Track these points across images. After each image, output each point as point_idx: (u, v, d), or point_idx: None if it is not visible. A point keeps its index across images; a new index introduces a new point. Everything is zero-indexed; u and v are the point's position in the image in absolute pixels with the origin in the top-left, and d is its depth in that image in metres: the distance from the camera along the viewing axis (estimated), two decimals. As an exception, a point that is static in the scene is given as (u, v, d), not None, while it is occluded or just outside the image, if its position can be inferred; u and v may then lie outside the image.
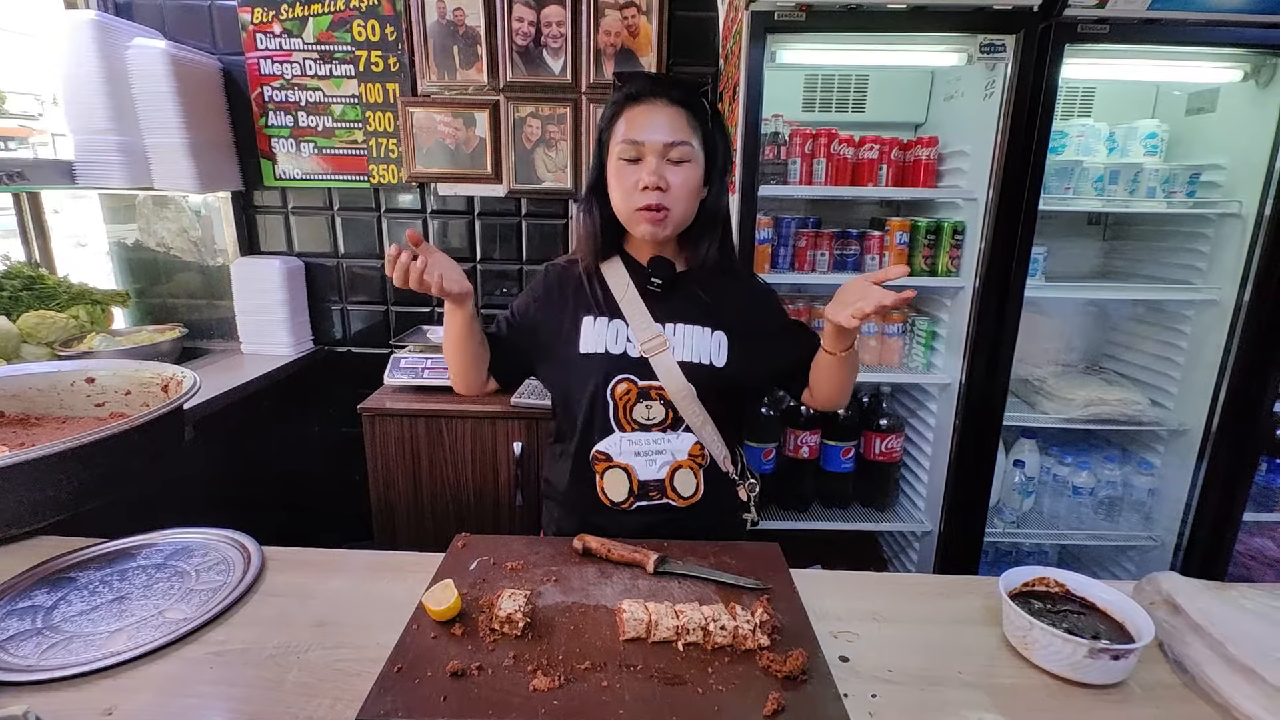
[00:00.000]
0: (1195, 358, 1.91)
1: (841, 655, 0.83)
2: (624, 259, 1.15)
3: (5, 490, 1.01)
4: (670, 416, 1.11)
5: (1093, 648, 0.78)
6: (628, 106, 1.05)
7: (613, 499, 1.12)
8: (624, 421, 1.10)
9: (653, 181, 1.01)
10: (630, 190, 1.04)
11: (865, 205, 2.21)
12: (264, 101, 2.24)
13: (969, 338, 1.79)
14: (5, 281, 1.98)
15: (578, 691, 0.71)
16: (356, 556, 1.06)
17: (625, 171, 1.04)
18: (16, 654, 0.79)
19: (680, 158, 1.03)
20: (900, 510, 2.12)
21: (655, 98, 1.04)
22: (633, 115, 1.04)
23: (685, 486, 1.12)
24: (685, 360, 1.09)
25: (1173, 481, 1.98)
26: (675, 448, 1.11)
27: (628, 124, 1.04)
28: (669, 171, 1.03)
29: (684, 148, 1.03)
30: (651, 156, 1.02)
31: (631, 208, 1.05)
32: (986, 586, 1.00)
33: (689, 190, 1.05)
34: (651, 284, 1.11)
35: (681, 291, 1.12)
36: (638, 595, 0.89)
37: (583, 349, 1.11)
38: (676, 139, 1.02)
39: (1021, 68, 1.57)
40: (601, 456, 1.11)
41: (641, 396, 1.10)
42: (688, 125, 1.04)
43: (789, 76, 2.07)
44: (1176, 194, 1.84)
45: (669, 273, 1.11)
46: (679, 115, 1.04)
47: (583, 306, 1.14)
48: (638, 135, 1.03)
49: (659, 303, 1.12)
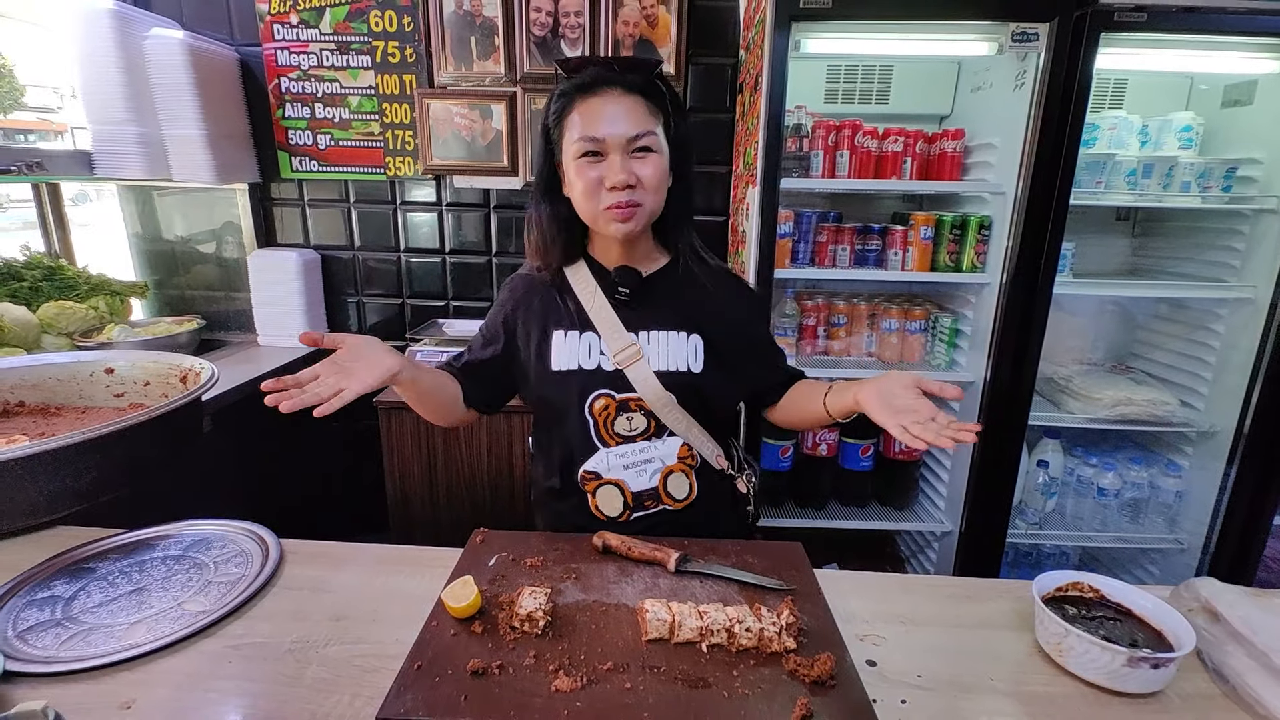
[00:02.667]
0: (1227, 357, 1.86)
1: (869, 659, 0.81)
2: (589, 263, 1.09)
3: (25, 480, 1.01)
4: (653, 425, 1.05)
5: (1132, 656, 0.75)
6: (579, 99, 0.96)
7: (608, 514, 1.07)
8: (606, 437, 1.05)
9: (621, 180, 0.94)
10: (593, 189, 0.96)
11: (888, 200, 2.18)
12: (281, 93, 2.23)
13: (994, 335, 1.75)
14: (26, 272, 1.99)
15: (600, 693, 0.70)
16: (374, 550, 1.05)
17: (586, 169, 0.96)
18: (36, 645, 0.79)
19: (646, 148, 0.95)
20: (920, 510, 2.09)
21: (610, 86, 0.95)
22: (587, 108, 0.95)
23: (679, 490, 1.08)
24: (662, 369, 1.04)
25: (1201, 484, 1.93)
26: (663, 453, 1.06)
27: (583, 119, 0.95)
28: (635, 165, 0.95)
29: (649, 137, 0.95)
30: (614, 153, 0.94)
31: (598, 207, 0.97)
32: (1016, 590, 0.97)
33: (658, 182, 0.98)
34: (619, 294, 1.05)
35: (653, 296, 1.07)
36: (659, 594, 0.87)
37: (555, 366, 1.06)
38: (640, 130, 0.94)
39: (1055, 57, 1.53)
40: (590, 476, 1.06)
41: (621, 409, 1.04)
42: (648, 113, 0.96)
43: (812, 67, 2.03)
44: (1212, 189, 1.79)
45: (635, 280, 1.05)
46: (638, 103, 0.95)
47: (551, 319, 1.08)
48: (597, 132, 0.94)
49: (630, 310, 1.06)
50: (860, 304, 2.02)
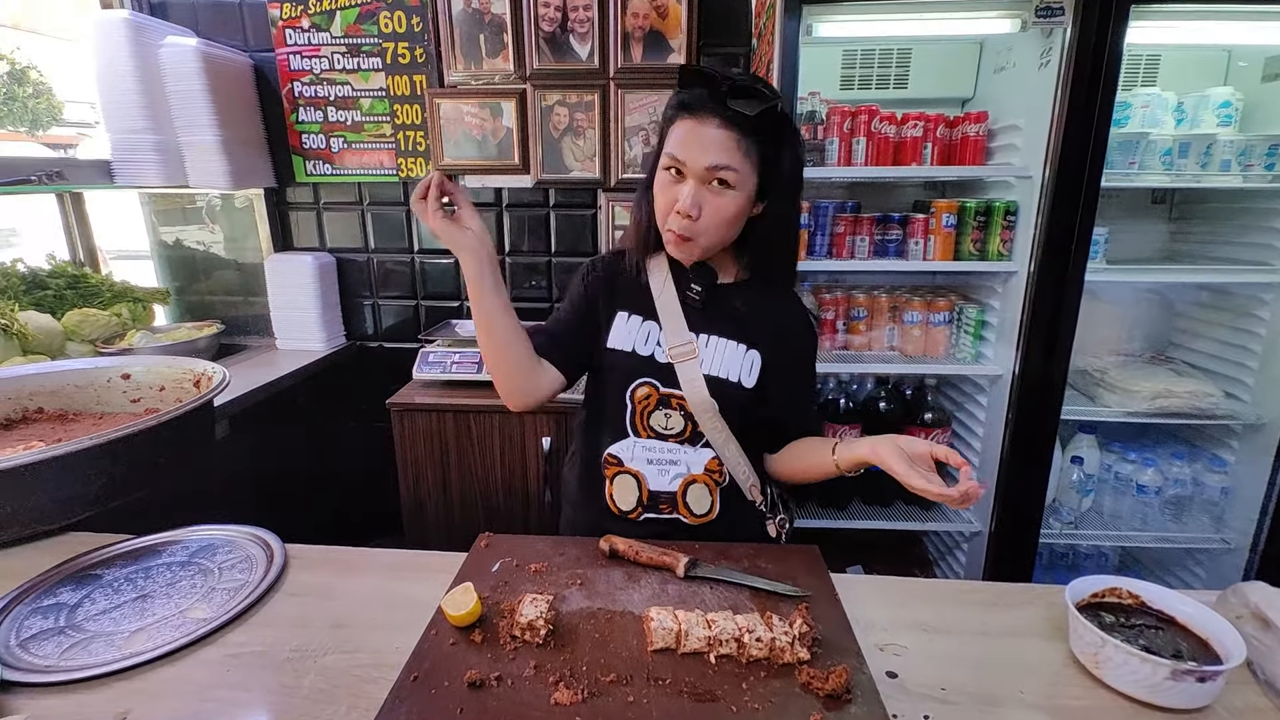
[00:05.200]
0: (1274, 345, 1.76)
1: (889, 670, 0.77)
2: (670, 259, 1.09)
3: (36, 486, 1.01)
4: (690, 429, 1.05)
5: (1176, 668, 0.70)
6: (683, 115, 0.96)
7: (621, 507, 1.07)
8: (640, 426, 1.06)
9: (685, 209, 0.95)
10: (667, 207, 0.98)
11: (908, 187, 2.11)
12: (294, 97, 2.25)
13: (1023, 326, 1.68)
14: (50, 280, 2.03)
15: (602, 706, 0.66)
16: (380, 555, 1.03)
17: (666, 186, 0.98)
18: (38, 653, 0.78)
19: (725, 181, 0.94)
20: (947, 509, 2.02)
21: (709, 116, 0.93)
22: (685, 127, 0.95)
23: (699, 504, 1.06)
24: (712, 374, 1.04)
25: (1248, 480, 1.83)
26: (691, 461, 1.06)
27: (675, 137, 0.96)
28: (707, 197, 0.95)
29: (728, 173, 0.93)
30: (692, 179, 0.95)
31: (663, 226, 1.00)
32: (1049, 595, 0.92)
33: (722, 220, 0.97)
34: (691, 290, 1.06)
35: (723, 304, 1.07)
36: (667, 601, 0.84)
37: (610, 343, 1.08)
38: (719, 163, 0.93)
39: (1082, 32, 1.45)
40: (613, 460, 1.07)
41: (661, 404, 1.05)
42: (738, 148, 0.93)
43: (826, 52, 1.98)
44: (1254, 167, 1.70)
45: (710, 279, 1.06)
46: (733, 138, 0.93)
47: (620, 300, 1.10)
48: (679, 154, 0.95)
49: (696, 311, 1.06)
50: (881, 296, 1.96)
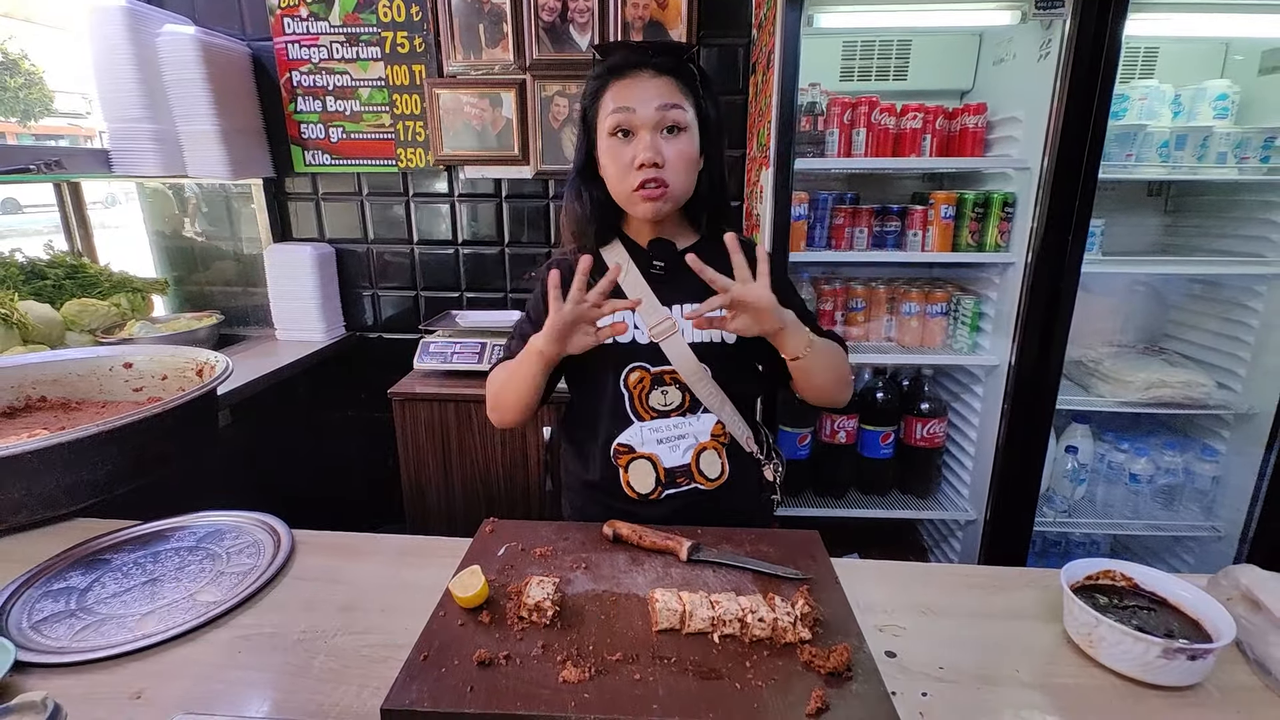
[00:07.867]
0: (1266, 337, 1.78)
1: (888, 650, 0.79)
2: (624, 242, 1.11)
3: (42, 473, 1.02)
4: (687, 399, 1.07)
5: (1168, 647, 0.72)
6: (612, 80, 1.00)
7: (639, 491, 1.08)
8: (641, 410, 1.07)
9: (649, 157, 0.97)
10: (625, 169, 0.99)
11: (907, 179, 2.12)
12: (293, 87, 2.23)
13: (1020, 317, 1.70)
14: (49, 270, 2.02)
15: (609, 684, 0.68)
16: (385, 541, 1.05)
17: (618, 150, 1.00)
18: (50, 635, 0.79)
19: (675, 123, 0.98)
20: (943, 498, 2.05)
21: (641, 68, 0.99)
22: (619, 89, 0.99)
23: (711, 468, 1.09)
24: (696, 341, 1.06)
25: (1238, 469, 1.86)
26: (697, 429, 1.08)
27: (613, 96, 0.99)
28: (664, 144, 0.98)
29: (677, 112, 0.98)
30: (644, 130, 0.98)
31: (629, 188, 1.00)
32: (1044, 579, 0.94)
33: (686, 162, 1.00)
34: (654, 268, 1.07)
35: (686, 270, 1.06)
36: (670, 584, 0.85)
37: None
38: (669, 100, 0.98)
39: (1081, 24, 1.45)
40: (624, 449, 1.08)
41: (656, 383, 1.07)
42: (679, 92, 0.99)
43: (827, 44, 1.98)
44: (1249, 160, 1.71)
45: (670, 253, 1.08)
46: (668, 83, 0.99)
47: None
48: (628, 102, 0.98)
49: (663, 285, 1.07)
50: (879, 287, 1.97)
